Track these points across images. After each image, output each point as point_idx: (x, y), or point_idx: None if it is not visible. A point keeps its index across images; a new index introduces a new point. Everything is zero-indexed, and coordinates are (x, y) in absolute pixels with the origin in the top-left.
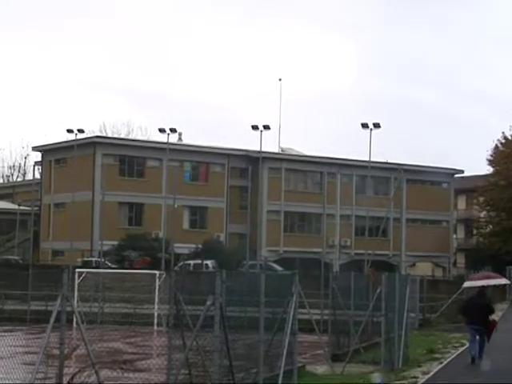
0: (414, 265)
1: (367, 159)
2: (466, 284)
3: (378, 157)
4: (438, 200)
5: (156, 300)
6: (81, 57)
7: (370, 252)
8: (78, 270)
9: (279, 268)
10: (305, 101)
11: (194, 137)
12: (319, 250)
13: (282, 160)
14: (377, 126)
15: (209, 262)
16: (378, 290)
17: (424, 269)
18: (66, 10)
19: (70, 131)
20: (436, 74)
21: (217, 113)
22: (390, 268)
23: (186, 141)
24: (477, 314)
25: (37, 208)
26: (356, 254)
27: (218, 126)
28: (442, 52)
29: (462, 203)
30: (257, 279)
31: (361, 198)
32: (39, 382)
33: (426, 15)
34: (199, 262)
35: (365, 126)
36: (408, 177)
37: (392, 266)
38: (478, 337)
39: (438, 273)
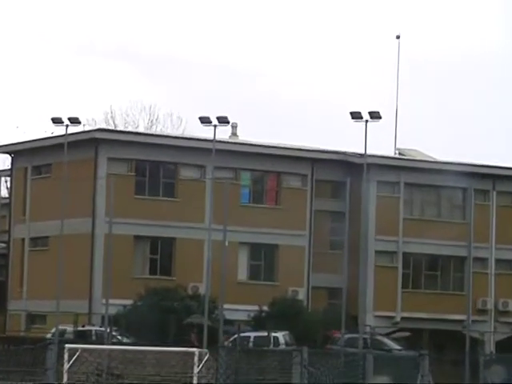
0: None
1: None
2: None
3: None
4: None
5: None
6: (78, 15)
7: None
8: (68, 345)
9: (396, 346)
10: (434, 73)
11: (255, 131)
12: (462, 317)
13: (399, 169)
14: None
15: (280, 335)
16: None
17: None
18: None
19: (56, 121)
20: None
21: (291, 94)
22: None
23: (242, 137)
24: None
25: (3, 245)
26: None
27: (293, 113)
28: None
29: None
30: (359, 363)
31: None
32: None
33: None
34: (264, 334)
35: None
36: None
37: None
38: None
39: None
